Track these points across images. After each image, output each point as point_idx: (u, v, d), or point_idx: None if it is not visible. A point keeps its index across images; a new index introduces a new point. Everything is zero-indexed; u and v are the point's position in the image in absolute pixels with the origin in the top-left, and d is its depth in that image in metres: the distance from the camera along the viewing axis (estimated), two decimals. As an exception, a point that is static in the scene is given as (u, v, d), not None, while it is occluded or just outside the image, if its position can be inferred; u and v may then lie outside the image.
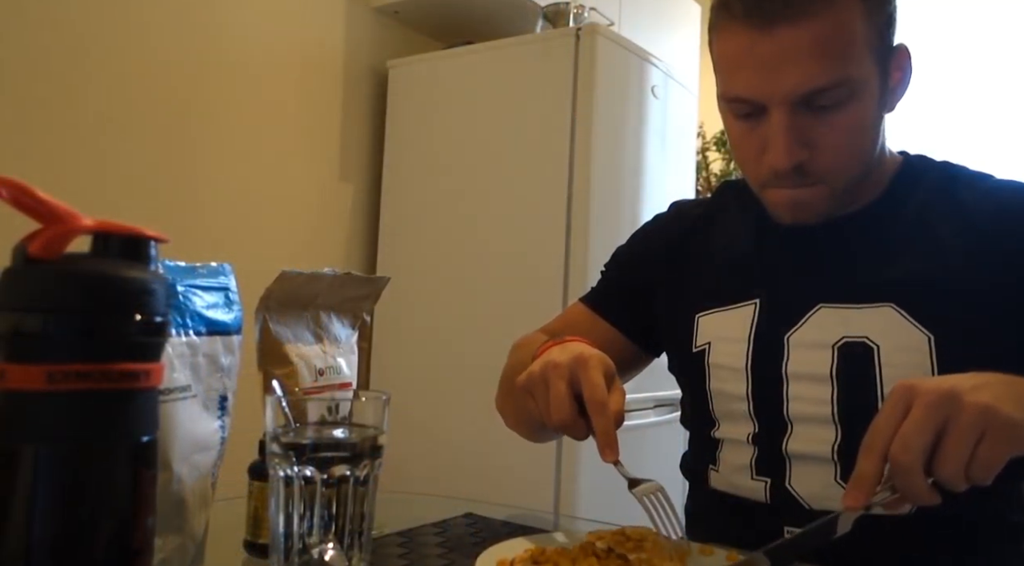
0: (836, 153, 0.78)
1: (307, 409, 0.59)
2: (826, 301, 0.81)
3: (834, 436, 0.78)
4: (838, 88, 0.74)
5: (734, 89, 0.78)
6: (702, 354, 0.88)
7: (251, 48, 2.03)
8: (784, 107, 0.75)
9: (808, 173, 0.78)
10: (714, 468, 0.88)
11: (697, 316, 0.89)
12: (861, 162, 0.80)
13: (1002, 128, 3.23)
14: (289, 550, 0.55)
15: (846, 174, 0.80)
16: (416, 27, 2.45)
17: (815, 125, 0.76)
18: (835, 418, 0.78)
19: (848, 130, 0.77)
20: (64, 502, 0.38)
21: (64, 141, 1.68)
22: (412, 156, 2.26)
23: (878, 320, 0.78)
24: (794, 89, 0.74)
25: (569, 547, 0.64)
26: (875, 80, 0.77)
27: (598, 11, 2.35)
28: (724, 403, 0.86)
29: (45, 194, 0.39)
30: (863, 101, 0.77)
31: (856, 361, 0.78)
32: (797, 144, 0.76)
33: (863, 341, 0.78)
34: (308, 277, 0.70)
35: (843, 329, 0.79)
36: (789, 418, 0.81)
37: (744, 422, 0.84)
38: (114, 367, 0.39)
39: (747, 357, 0.84)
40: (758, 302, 0.85)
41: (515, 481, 1.92)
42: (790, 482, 0.80)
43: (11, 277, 0.39)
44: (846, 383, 0.78)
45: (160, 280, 0.42)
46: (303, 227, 2.18)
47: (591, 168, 1.95)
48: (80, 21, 1.70)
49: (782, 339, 0.82)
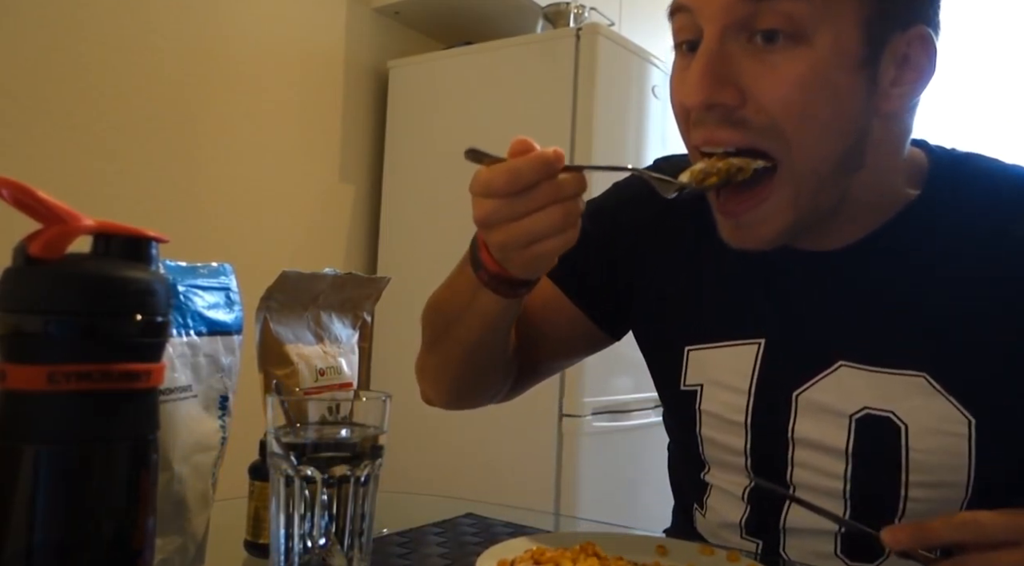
0: (780, 103, 0.60)
1: (308, 409, 0.59)
2: (847, 358, 0.68)
3: (842, 512, 0.69)
4: (782, 2, 0.59)
5: (674, 2, 0.65)
6: (692, 396, 0.76)
7: (251, 48, 2.03)
8: (716, 23, 0.61)
9: (746, 122, 0.61)
10: (700, 512, 0.79)
11: (687, 349, 0.76)
12: (822, 142, 0.62)
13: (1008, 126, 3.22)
14: (289, 550, 0.55)
15: (804, 144, 0.61)
16: (416, 27, 2.45)
17: (748, 61, 0.61)
18: (846, 495, 0.69)
19: (794, 80, 0.60)
20: (65, 503, 0.38)
21: (64, 141, 1.68)
22: (412, 156, 2.25)
23: (908, 392, 0.65)
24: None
25: (569, 547, 0.64)
26: (850, 44, 0.61)
27: (598, 11, 2.35)
28: (717, 452, 0.76)
29: (45, 194, 0.39)
30: (817, 51, 0.60)
31: (879, 439, 0.66)
32: (717, 77, 0.60)
33: (888, 417, 0.66)
34: (309, 277, 0.70)
35: (865, 397, 0.67)
36: (792, 484, 0.71)
37: (739, 475, 0.74)
38: (115, 367, 0.39)
39: (747, 412, 0.72)
40: (763, 344, 0.72)
41: (516, 481, 1.92)
42: (784, 549, 0.72)
43: (11, 277, 0.39)
44: (865, 462, 0.67)
45: (161, 280, 0.42)
46: (303, 227, 2.17)
47: (591, 168, 1.95)
48: (80, 21, 1.70)
49: (790, 396, 0.70)
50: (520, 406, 1.37)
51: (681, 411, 0.78)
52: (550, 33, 2.21)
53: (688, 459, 0.80)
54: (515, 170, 0.58)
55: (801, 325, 0.71)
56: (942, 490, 0.67)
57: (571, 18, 2.26)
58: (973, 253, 0.67)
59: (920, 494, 0.67)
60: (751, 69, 0.61)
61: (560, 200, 0.58)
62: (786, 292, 0.73)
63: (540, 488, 1.88)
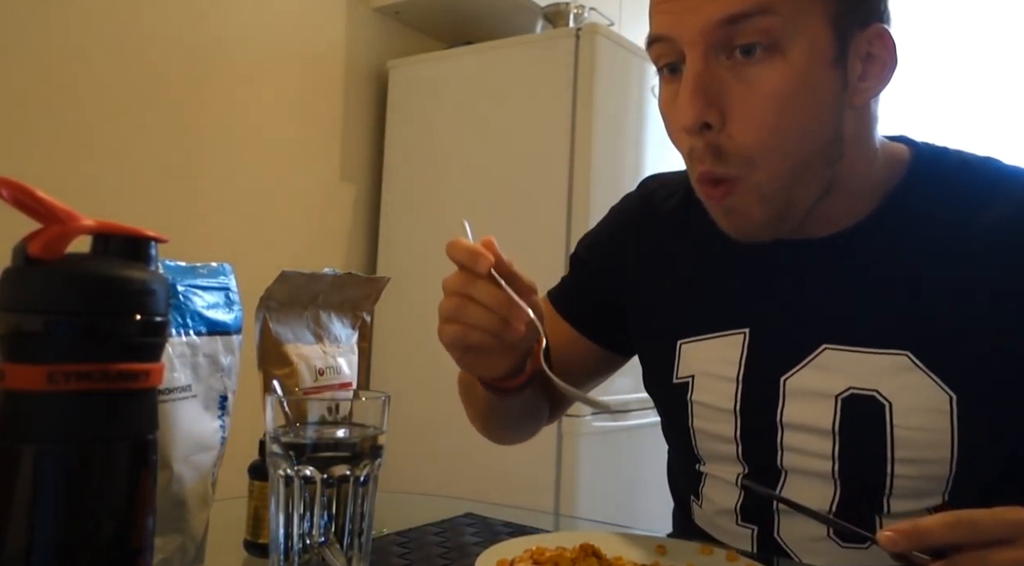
0: (751, 126, 0.65)
1: (307, 409, 0.59)
2: (831, 341, 0.70)
3: (832, 492, 0.71)
4: (759, 17, 0.63)
5: (653, 29, 0.69)
6: (684, 388, 0.79)
7: (251, 48, 2.03)
8: (697, 47, 0.65)
9: (722, 154, 0.66)
10: (696, 503, 0.82)
11: (679, 342, 0.80)
12: (789, 151, 0.66)
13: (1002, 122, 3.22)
14: (289, 550, 0.55)
15: (770, 165, 0.66)
16: (416, 27, 2.45)
17: (731, 81, 0.65)
18: (835, 475, 0.70)
19: (770, 95, 0.64)
20: (64, 502, 0.38)
21: (64, 141, 1.68)
22: (412, 156, 2.26)
23: (891, 371, 0.68)
24: (708, 15, 0.64)
25: (569, 548, 0.64)
26: (823, 44, 0.65)
27: (598, 11, 2.35)
28: (709, 443, 0.78)
29: (45, 194, 0.39)
30: (793, 59, 0.64)
31: (864, 417, 0.69)
32: (705, 97, 0.65)
33: (873, 396, 0.68)
34: (308, 277, 0.70)
35: (850, 377, 0.69)
36: (783, 467, 0.73)
37: (732, 464, 0.76)
38: (114, 367, 0.39)
39: (736, 399, 0.74)
40: (748, 332, 0.75)
41: (515, 481, 1.92)
42: (778, 532, 0.74)
43: (11, 277, 0.39)
44: (851, 440, 0.69)
45: (160, 280, 0.42)
46: (303, 227, 2.18)
47: (591, 168, 1.95)
48: (80, 21, 1.70)
49: (777, 381, 0.73)
50: (520, 406, 1.36)
51: (674, 405, 0.80)
52: (550, 33, 2.21)
53: (683, 453, 0.82)
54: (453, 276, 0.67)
55: (786, 313, 0.74)
56: (927, 466, 0.68)
57: (571, 18, 2.26)
58: (952, 237, 0.69)
59: (906, 471, 0.68)
60: (733, 89, 0.65)
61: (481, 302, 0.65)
62: (771, 282, 0.76)
63: (540, 488, 1.88)
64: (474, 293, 0.65)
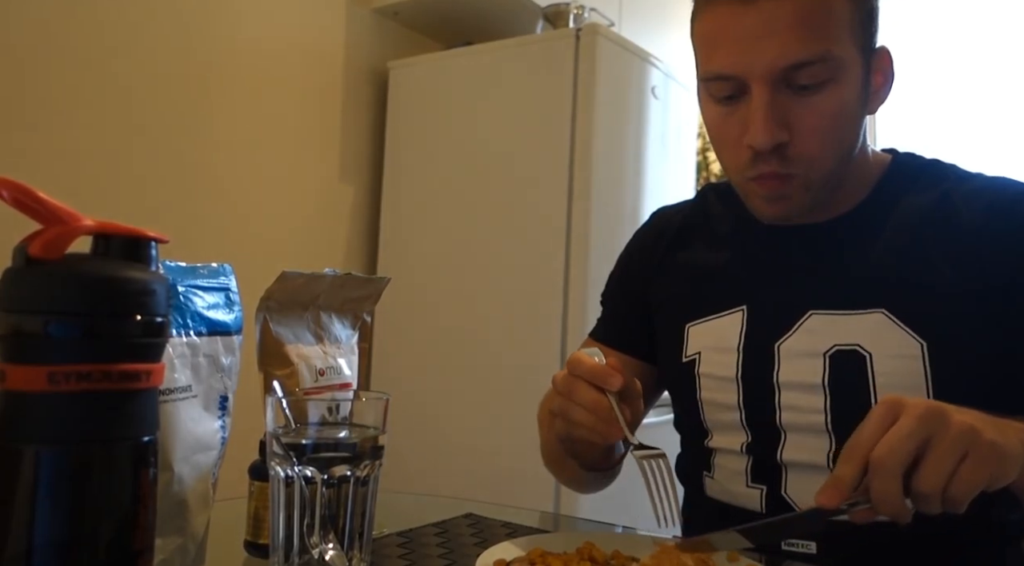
0: (816, 139, 0.76)
1: (307, 409, 0.59)
2: (816, 307, 0.80)
3: (828, 445, 0.78)
4: (819, 64, 0.73)
5: (714, 66, 0.77)
6: (692, 364, 0.87)
7: (251, 48, 2.03)
8: (765, 83, 0.74)
9: (788, 159, 0.77)
10: (709, 475, 0.88)
11: (687, 326, 0.89)
12: (838, 154, 0.79)
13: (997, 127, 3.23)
14: (289, 550, 0.55)
15: (823, 165, 0.78)
16: (416, 28, 2.45)
17: (795, 106, 0.75)
18: (828, 427, 0.78)
19: (829, 115, 0.76)
20: (65, 503, 0.38)
21: (64, 141, 1.68)
22: (412, 156, 2.26)
23: (870, 327, 0.77)
24: (774, 61, 0.73)
25: (568, 550, 0.64)
26: (858, 70, 0.77)
27: (598, 12, 2.35)
28: (715, 413, 0.86)
29: (45, 195, 0.39)
30: (844, 86, 0.76)
31: (848, 369, 0.77)
32: (777, 123, 0.75)
33: (855, 349, 0.77)
34: (308, 277, 0.70)
35: (834, 337, 0.78)
36: (782, 427, 0.80)
37: (737, 432, 0.84)
38: (114, 368, 0.39)
39: (737, 367, 0.83)
40: (745, 309, 0.85)
41: (515, 481, 1.92)
42: (786, 490, 0.80)
43: (12, 278, 0.39)
44: (839, 392, 0.77)
45: (160, 281, 0.42)
46: (303, 227, 2.18)
47: (591, 169, 1.95)
48: (80, 21, 1.70)
49: (772, 347, 0.81)
50: (520, 406, 1.38)
51: (684, 381, 0.89)
52: (550, 33, 2.21)
53: (693, 434, 0.90)
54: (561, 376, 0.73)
55: (776, 291, 0.84)
56: None
57: (571, 18, 2.26)
58: (920, 213, 0.81)
59: None
60: (796, 110, 0.76)
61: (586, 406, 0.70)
62: (765, 264, 0.87)
63: (540, 488, 1.88)
64: (575, 397, 0.70)
